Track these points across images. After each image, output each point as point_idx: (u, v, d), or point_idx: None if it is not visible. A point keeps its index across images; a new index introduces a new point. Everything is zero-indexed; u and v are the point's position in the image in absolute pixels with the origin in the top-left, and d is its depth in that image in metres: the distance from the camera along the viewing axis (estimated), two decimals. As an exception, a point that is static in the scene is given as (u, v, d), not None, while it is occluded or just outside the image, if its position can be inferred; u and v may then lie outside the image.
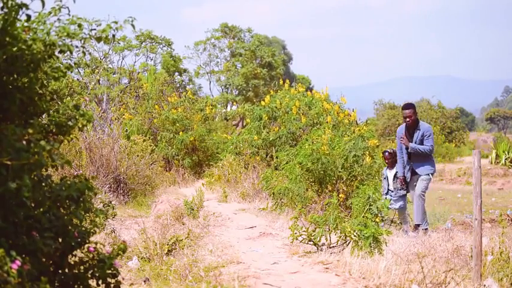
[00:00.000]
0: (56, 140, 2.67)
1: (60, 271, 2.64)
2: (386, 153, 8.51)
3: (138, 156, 11.18)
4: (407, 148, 7.95)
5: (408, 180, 8.05)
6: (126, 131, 14.97)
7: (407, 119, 7.97)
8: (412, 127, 7.98)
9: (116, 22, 2.66)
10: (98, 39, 2.64)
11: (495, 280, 4.69)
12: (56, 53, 2.58)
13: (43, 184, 2.54)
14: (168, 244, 5.52)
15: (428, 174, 7.88)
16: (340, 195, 8.36)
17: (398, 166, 8.16)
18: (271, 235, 6.87)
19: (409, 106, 8.10)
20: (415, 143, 7.88)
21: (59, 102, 2.82)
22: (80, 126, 2.74)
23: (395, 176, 8.28)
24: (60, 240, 2.61)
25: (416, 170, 7.91)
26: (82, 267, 2.69)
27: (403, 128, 8.15)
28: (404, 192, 8.19)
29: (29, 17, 2.53)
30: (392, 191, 8.31)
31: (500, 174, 20.28)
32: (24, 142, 2.35)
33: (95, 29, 2.64)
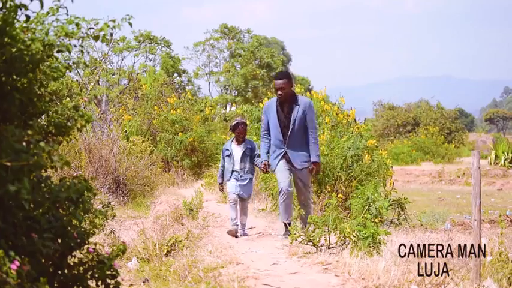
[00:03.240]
0: (55, 141, 2.67)
1: (59, 272, 2.64)
2: (243, 126, 6.90)
3: (137, 157, 11.18)
4: (283, 127, 6.44)
5: (273, 169, 6.57)
6: (126, 131, 14.97)
7: (279, 92, 6.38)
8: (287, 102, 6.44)
9: (113, 21, 2.67)
10: (96, 38, 2.64)
11: (494, 281, 4.70)
12: (55, 53, 2.58)
13: (42, 185, 2.54)
14: (167, 245, 5.51)
15: (308, 168, 6.52)
16: (339, 196, 8.35)
17: (261, 150, 6.67)
18: (270, 236, 6.86)
19: (282, 75, 6.47)
20: (294, 121, 6.39)
21: (58, 103, 2.81)
22: (79, 127, 2.74)
23: (244, 153, 6.85)
24: (59, 241, 2.60)
25: (293, 162, 6.46)
26: (81, 268, 2.69)
27: (273, 104, 6.56)
28: (252, 176, 6.90)
29: (27, 17, 2.52)
30: (238, 172, 6.84)
31: (499, 175, 20.32)
32: (23, 143, 2.35)
33: (92, 28, 2.64)
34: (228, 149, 6.90)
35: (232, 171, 6.83)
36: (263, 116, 6.70)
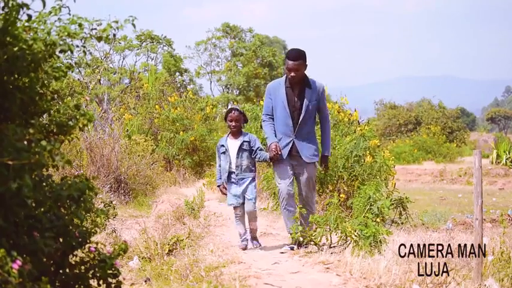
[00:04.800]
0: (57, 140, 2.67)
1: (61, 271, 2.64)
2: (235, 113, 5.83)
3: (138, 156, 11.19)
4: (293, 112, 5.68)
5: (283, 157, 5.71)
6: (127, 130, 14.98)
7: (292, 73, 5.56)
8: (298, 85, 5.66)
9: (116, 21, 2.66)
10: (99, 39, 2.64)
11: (496, 280, 4.69)
12: (57, 53, 2.58)
13: (44, 184, 2.54)
14: (169, 244, 5.52)
15: (315, 163, 5.87)
16: (341, 195, 8.34)
17: (267, 133, 5.79)
18: (272, 235, 6.87)
19: (298, 55, 5.57)
20: (307, 106, 5.64)
21: (60, 102, 2.82)
22: (81, 126, 2.74)
23: (240, 148, 5.80)
24: (61, 240, 2.60)
25: (302, 154, 5.72)
26: (83, 267, 2.69)
27: (280, 86, 5.74)
28: (253, 174, 5.87)
29: (29, 16, 2.52)
30: (234, 173, 5.82)
31: (501, 174, 20.30)
32: (25, 142, 2.35)
33: (95, 29, 2.64)
34: (223, 145, 5.87)
35: (230, 172, 5.82)
36: (266, 98, 5.84)
